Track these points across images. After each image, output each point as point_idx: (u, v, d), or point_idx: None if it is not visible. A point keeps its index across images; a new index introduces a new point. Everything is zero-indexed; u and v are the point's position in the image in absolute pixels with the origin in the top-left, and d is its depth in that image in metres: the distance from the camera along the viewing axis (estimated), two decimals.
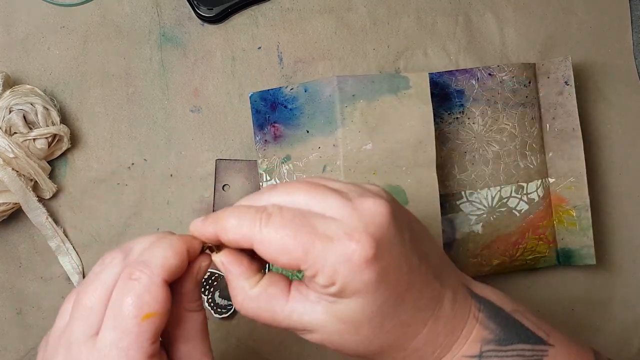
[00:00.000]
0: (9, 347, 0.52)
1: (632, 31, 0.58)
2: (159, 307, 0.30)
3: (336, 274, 0.30)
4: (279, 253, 0.31)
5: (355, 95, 0.46)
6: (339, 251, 0.30)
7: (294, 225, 0.31)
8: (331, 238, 0.30)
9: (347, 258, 0.30)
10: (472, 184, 0.51)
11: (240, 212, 0.32)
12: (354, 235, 0.30)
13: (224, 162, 0.53)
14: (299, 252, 0.30)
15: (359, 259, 0.30)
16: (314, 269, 0.31)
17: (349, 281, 0.30)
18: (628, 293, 0.55)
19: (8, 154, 0.48)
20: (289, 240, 0.31)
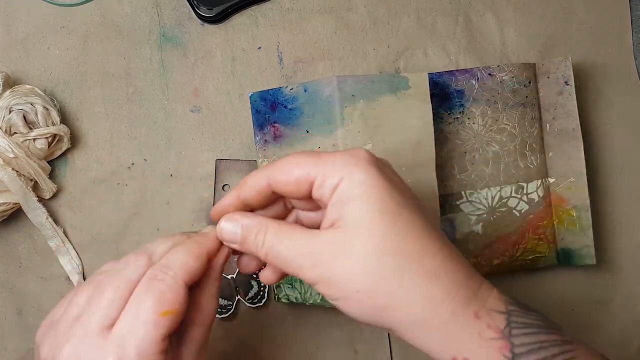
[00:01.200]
0: (9, 347, 0.52)
1: (632, 31, 0.58)
2: (177, 306, 0.33)
3: (344, 168, 0.33)
4: (292, 168, 0.34)
5: (355, 96, 0.46)
6: (345, 155, 0.34)
7: (302, 152, 0.36)
8: (335, 153, 0.35)
9: (354, 155, 0.34)
10: (472, 184, 0.51)
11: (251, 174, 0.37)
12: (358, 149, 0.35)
13: (224, 162, 0.53)
14: (309, 159, 0.34)
15: (363, 156, 0.34)
16: (323, 173, 0.34)
17: (355, 172, 0.33)
18: (628, 293, 0.55)
19: (8, 154, 0.48)
20: (301, 159, 0.35)
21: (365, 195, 0.33)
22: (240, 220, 0.36)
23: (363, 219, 0.33)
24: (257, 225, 0.35)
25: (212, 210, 0.38)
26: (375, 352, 0.53)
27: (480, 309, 0.33)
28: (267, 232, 0.35)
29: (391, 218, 0.33)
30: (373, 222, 0.33)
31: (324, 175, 0.34)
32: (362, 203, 0.33)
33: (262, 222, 0.35)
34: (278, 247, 0.34)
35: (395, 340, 0.54)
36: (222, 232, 0.37)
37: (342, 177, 0.33)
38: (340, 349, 0.53)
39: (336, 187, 0.33)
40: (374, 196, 0.33)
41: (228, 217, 0.36)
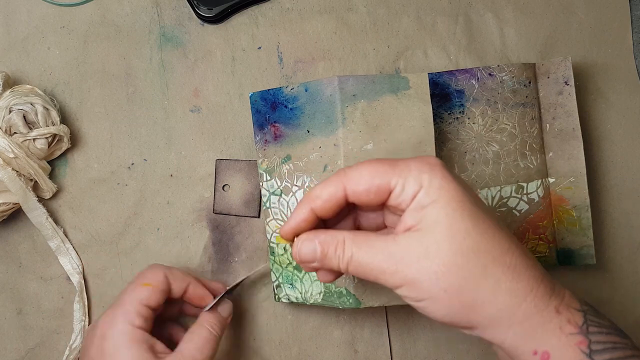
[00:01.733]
0: (9, 347, 0.52)
1: (632, 31, 0.58)
2: (154, 281, 0.45)
3: (422, 175, 0.35)
4: (371, 180, 0.35)
5: (356, 95, 0.46)
6: (418, 162, 0.35)
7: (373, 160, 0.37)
8: (409, 161, 0.36)
9: (428, 164, 0.35)
10: (472, 184, 0.51)
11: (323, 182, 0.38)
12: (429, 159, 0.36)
13: (224, 162, 0.53)
14: (386, 167, 0.35)
15: (437, 164, 0.35)
16: (401, 178, 0.35)
17: (432, 180, 0.34)
18: (628, 293, 0.55)
19: (8, 154, 0.48)
20: (377, 166, 0.36)
21: (445, 199, 0.34)
22: (317, 238, 0.37)
23: (444, 221, 0.34)
24: (334, 239, 0.36)
25: (282, 230, 0.39)
26: (375, 352, 0.53)
27: (560, 304, 0.34)
28: (345, 244, 0.36)
29: (470, 218, 0.34)
30: (454, 222, 0.34)
31: (403, 184, 0.35)
32: (442, 206, 0.34)
33: (337, 235, 0.36)
34: (358, 256, 0.35)
35: (395, 341, 0.54)
36: (300, 254, 0.38)
37: (422, 184, 0.35)
38: (340, 349, 0.53)
39: (416, 193, 0.35)
40: (453, 199, 0.34)
41: (304, 238, 0.38)
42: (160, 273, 0.46)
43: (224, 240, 0.53)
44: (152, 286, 0.45)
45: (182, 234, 0.53)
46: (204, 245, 0.53)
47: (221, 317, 0.47)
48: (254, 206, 0.53)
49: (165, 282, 0.46)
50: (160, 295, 0.45)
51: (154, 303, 0.45)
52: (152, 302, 0.44)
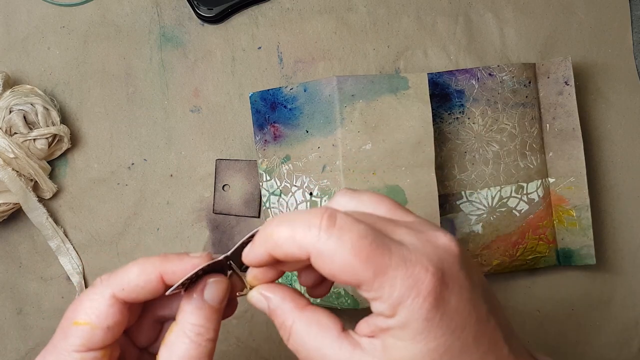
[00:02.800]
0: (9, 347, 0.52)
1: (632, 31, 0.58)
2: (91, 319, 0.30)
3: (401, 306, 0.27)
4: (341, 271, 0.27)
5: (354, 95, 0.46)
6: (409, 281, 0.27)
7: (366, 241, 0.27)
8: (404, 263, 0.27)
9: (418, 290, 0.27)
10: (472, 184, 0.51)
11: (290, 219, 0.28)
12: (429, 267, 0.27)
13: (224, 162, 0.53)
14: (368, 274, 0.27)
15: (429, 294, 0.27)
16: (377, 294, 0.27)
17: (412, 317, 0.27)
18: (628, 293, 0.55)
19: (8, 154, 0.48)
20: (358, 260, 0.27)
21: (417, 346, 0.27)
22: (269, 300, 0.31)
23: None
24: (284, 314, 0.31)
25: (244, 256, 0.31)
26: None
27: None
28: (293, 326, 0.30)
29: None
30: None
31: (378, 296, 0.27)
32: (412, 353, 0.27)
33: (290, 312, 0.30)
34: (302, 345, 0.30)
35: None
36: (251, 301, 0.32)
37: (396, 314, 0.27)
38: None
39: (385, 316, 0.28)
40: (429, 350, 0.27)
41: (259, 289, 0.32)
42: (102, 299, 0.31)
43: (224, 241, 0.53)
44: (88, 325, 0.30)
45: (182, 234, 0.53)
46: (204, 246, 0.53)
47: (209, 308, 0.31)
48: (254, 206, 0.53)
49: (111, 312, 0.31)
50: (109, 332, 0.31)
51: (98, 344, 0.31)
52: (96, 344, 0.31)
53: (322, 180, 0.47)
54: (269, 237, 0.29)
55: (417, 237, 0.28)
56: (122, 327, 0.32)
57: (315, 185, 0.47)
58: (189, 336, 0.30)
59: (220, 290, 0.31)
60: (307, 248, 0.28)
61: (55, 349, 0.31)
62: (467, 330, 0.28)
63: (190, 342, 0.30)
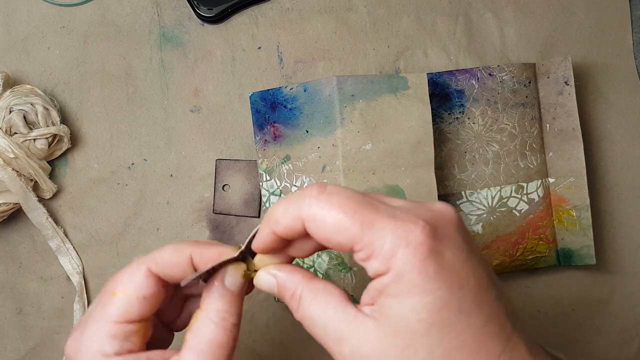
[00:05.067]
0: (9, 347, 0.52)
1: (632, 31, 0.57)
2: (128, 289, 0.33)
3: (393, 259, 0.27)
4: (332, 231, 0.29)
5: (354, 95, 0.46)
6: (399, 232, 0.27)
7: (353, 200, 0.29)
8: (393, 218, 0.28)
9: (407, 241, 0.27)
10: (472, 184, 0.51)
11: (285, 197, 0.31)
12: (419, 221, 0.28)
13: (224, 162, 0.53)
14: (356, 228, 0.28)
15: (421, 244, 0.27)
16: (368, 250, 0.28)
17: (406, 268, 0.27)
18: (628, 293, 0.55)
19: (8, 154, 0.48)
20: (345, 216, 0.28)
21: (409, 303, 0.27)
22: (276, 277, 0.32)
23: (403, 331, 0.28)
24: (293, 285, 0.31)
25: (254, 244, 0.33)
26: None
27: None
28: (302, 294, 0.31)
29: (439, 334, 0.27)
30: (415, 337, 0.27)
31: (369, 254, 0.28)
32: (407, 308, 0.27)
33: (299, 282, 0.31)
34: (308, 313, 0.31)
35: None
36: (258, 284, 0.33)
37: (389, 268, 0.28)
38: None
39: (380, 275, 0.28)
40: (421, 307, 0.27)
41: (265, 269, 0.33)
42: (138, 272, 0.33)
43: (224, 241, 0.53)
44: (126, 295, 0.33)
45: (182, 234, 0.53)
46: None
47: (230, 293, 0.33)
48: (254, 206, 0.53)
49: (146, 283, 0.33)
50: (144, 302, 0.33)
51: (135, 315, 0.33)
52: (133, 315, 0.32)
53: (322, 180, 0.47)
54: (270, 215, 0.31)
55: (410, 203, 0.30)
56: (157, 303, 0.34)
57: None
58: (215, 321, 0.32)
59: (239, 275, 0.33)
60: (300, 215, 0.29)
61: (95, 320, 0.33)
62: (466, 290, 0.28)
63: (216, 326, 0.32)
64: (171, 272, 0.33)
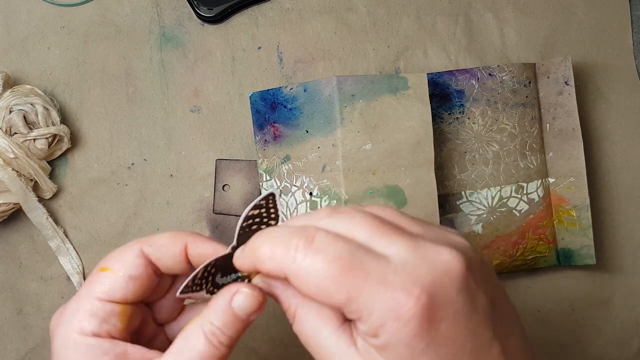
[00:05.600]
0: (9, 347, 0.52)
1: (632, 31, 0.57)
2: (116, 266, 0.31)
3: (381, 328, 0.26)
4: (316, 293, 0.27)
5: (354, 96, 0.46)
6: (389, 304, 0.25)
7: (340, 262, 0.26)
8: (384, 284, 0.26)
9: (397, 315, 0.25)
10: (472, 184, 0.51)
11: (273, 235, 0.28)
12: (413, 289, 0.26)
13: (224, 162, 0.53)
14: (342, 297, 0.26)
15: (411, 319, 0.25)
16: (357, 315, 0.26)
17: (393, 341, 0.26)
18: (628, 293, 0.55)
19: (8, 154, 0.48)
20: (330, 282, 0.26)
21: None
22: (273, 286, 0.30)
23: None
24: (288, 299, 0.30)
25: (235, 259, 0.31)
26: None
27: None
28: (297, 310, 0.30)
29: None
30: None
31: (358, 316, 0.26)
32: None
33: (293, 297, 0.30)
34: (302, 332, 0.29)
35: None
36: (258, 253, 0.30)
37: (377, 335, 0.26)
38: None
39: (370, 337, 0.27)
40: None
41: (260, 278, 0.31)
42: (130, 250, 0.32)
43: (223, 241, 0.53)
44: (112, 272, 0.31)
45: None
46: None
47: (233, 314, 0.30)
48: None
49: (136, 263, 0.31)
50: (131, 283, 0.31)
51: (118, 294, 0.31)
52: (116, 294, 0.31)
53: (322, 180, 0.47)
54: (254, 252, 0.29)
55: (413, 253, 0.27)
56: (144, 288, 0.32)
57: (315, 185, 0.47)
58: (206, 334, 0.30)
59: (249, 303, 0.30)
60: (283, 269, 0.27)
61: (79, 295, 0.32)
62: (461, 357, 0.26)
63: (205, 340, 0.30)
64: (164, 258, 0.32)
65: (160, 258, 0.32)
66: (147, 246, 0.32)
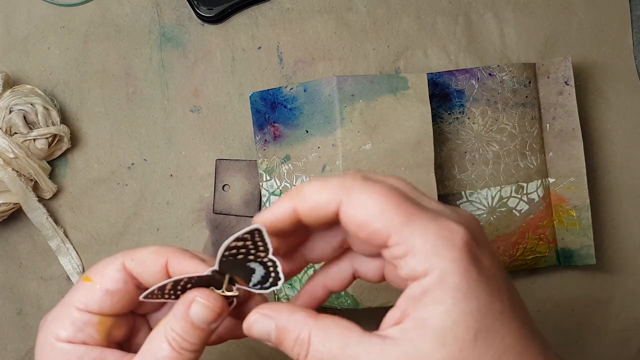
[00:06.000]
0: (9, 347, 0.52)
1: (632, 31, 0.57)
2: (97, 278, 0.31)
3: (436, 258, 0.26)
4: (373, 215, 0.26)
5: (354, 95, 0.46)
6: (443, 232, 0.26)
7: (396, 193, 0.27)
8: (435, 218, 0.26)
9: (452, 242, 0.26)
10: (472, 184, 0.51)
11: (320, 178, 0.29)
12: (460, 224, 0.27)
13: (224, 162, 0.53)
14: (399, 218, 0.26)
15: (465, 246, 0.26)
16: (407, 245, 0.26)
17: (450, 270, 0.25)
18: (628, 293, 0.55)
19: (8, 154, 0.48)
20: (388, 204, 0.26)
21: (456, 308, 0.25)
22: (276, 319, 0.29)
23: (450, 341, 0.25)
24: (296, 329, 0.28)
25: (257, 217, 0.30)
26: None
27: None
28: (312, 336, 0.27)
29: (486, 342, 0.26)
30: (463, 347, 0.25)
31: (407, 250, 0.26)
32: (451, 318, 0.25)
33: (302, 325, 0.28)
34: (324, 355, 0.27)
35: None
36: (251, 330, 0.29)
37: (431, 271, 0.26)
38: None
39: (418, 277, 0.26)
40: (468, 313, 0.25)
41: (260, 313, 0.29)
42: (113, 264, 0.32)
43: (223, 241, 0.53)
44: (93, 283, 0.31)
45: (182, 234, 0.53)
46: (204, 246, 0.53)
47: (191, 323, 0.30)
48: (254, 206, 0.53)
49: (115, 277, 0.31)
50: (108, 297, 0.31)
51: (94, 307, 0.31)
52: (92, 306, 0.31)
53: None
54: (298, 190, 0.29)
55: (443, 205, 0.29)
56: (123, 302, 0.32)
57: None
58: (168, 339, 0.30)
59: (205, 314, 0.30)
60: (339, 193, 0.27)
61: (63, 302, 0.32)
62: (504, 294, 0.27)
63: (168, 345, 0.29)
64: (144, 273, 0.31)
65: (141, 273, 0.32)
66: (130, 260, 0.32)
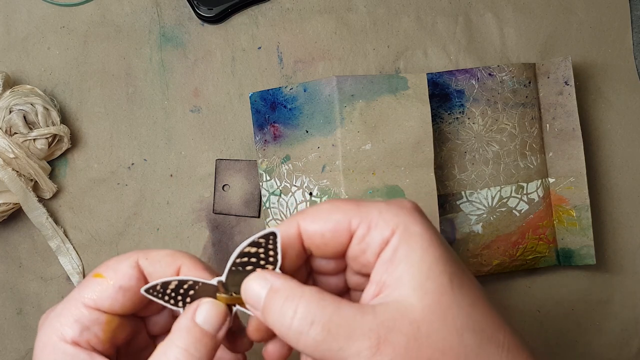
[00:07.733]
0: (9, 347, 0.52)
1: (632, 31, 0.57)
2: (109, 274, 0.31)
3: (396, 218, 0.28)
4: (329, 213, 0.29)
5: (354, 96, 0.46)
6: (393, 203, 0.29)
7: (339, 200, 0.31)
8: (379, 202, 0.30)
9: (404, 207, 0.29)
10: (472, 184, 0.51)
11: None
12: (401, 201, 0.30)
13: (224, 162, 0.53)
14: (351, 206, 0.29)
15: (414, 209, 0.29)
16: (367, 220, 0.29)
17: (411, 222, 0.28)
18: (628, 293, 0.55)
19: (8, 154, 0.48)
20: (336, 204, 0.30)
21: (427, 255, 0.27)
22: (271, 280, 0.29)
23: (430, 287, 0.27)
24: (288, 290, 0.28)
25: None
26: None
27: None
28: (301, 301, 0.28)
29: (460, 286, 0.27)
30: (443, 291, 0.27)
31: (369, 224, 0.29)
32: (425, 265, 0.27)
33: (295, 287, 0.28)
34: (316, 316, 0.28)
35: None
36: (246, 291, 0.30)
37: (395, 229, 0.28)
38: None
39: (387, 240, 0.28)
40: (438, 258, 0.27)
41: (257, 275, 0.30)
42: (126, 260, 0.32)
43: (223, 241, 0.53)
44: (104, 279, 0.31)
45: (182, 234, 0.53)
46: (204, 246, 0.53)
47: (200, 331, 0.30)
48: (254, 206, 0.53)
49: (129, 274, 0.31)
50: (120, 294, 0.31)
51: (106, 304, 0.31)
52: (104, 302, 0.31)
53: (321, 180, 0.47)
54: None
55: None
56: (133, 301, 0.32)
57: (315, 185, 0.47)
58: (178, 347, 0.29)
59: (214, 314, 0.30)
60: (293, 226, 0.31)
61: (69, 298, 0.31)
62: (456, 256, 0.29)
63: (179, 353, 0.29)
64: (155, 273, 0.32)
65: (152, 273, 0.32)
66: (144, 259, 0.32)
